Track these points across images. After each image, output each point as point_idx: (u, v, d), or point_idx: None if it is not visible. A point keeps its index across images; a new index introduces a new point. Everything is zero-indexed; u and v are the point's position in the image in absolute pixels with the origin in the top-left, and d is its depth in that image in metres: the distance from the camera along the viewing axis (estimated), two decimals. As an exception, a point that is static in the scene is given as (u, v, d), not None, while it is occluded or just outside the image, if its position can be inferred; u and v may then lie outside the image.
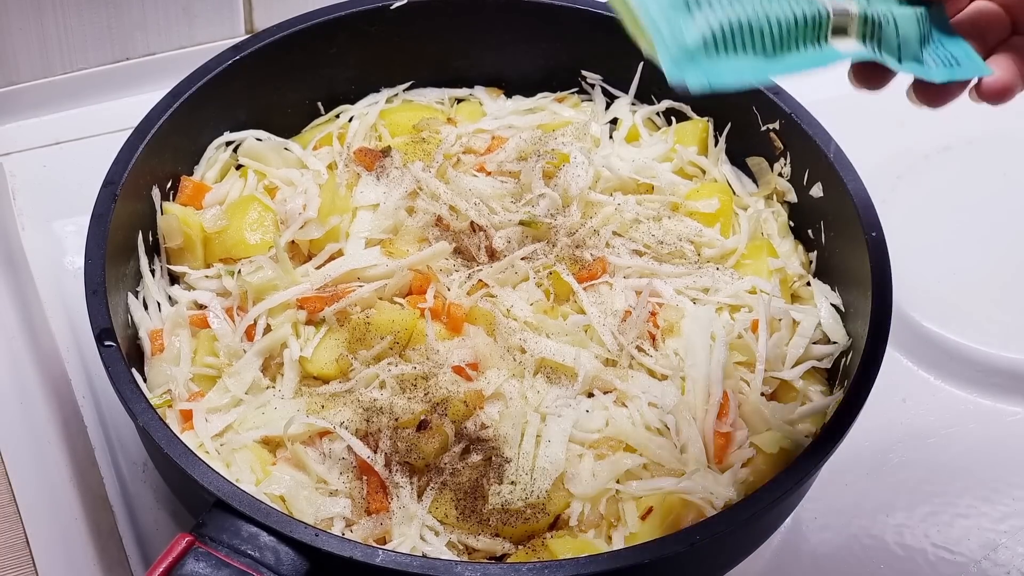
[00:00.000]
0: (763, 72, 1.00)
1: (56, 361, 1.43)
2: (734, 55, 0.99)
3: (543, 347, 1.27)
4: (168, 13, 1.61)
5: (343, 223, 1.36)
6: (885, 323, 1.23)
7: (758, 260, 1.37)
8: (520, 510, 1.19)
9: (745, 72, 0.99)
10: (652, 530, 1.19)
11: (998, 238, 1.58)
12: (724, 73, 0.98)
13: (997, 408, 1.47)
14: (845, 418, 1.17)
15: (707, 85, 0.96)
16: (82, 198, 1.31)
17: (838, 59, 1.03)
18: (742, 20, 0.99)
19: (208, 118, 1.40)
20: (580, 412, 1.24)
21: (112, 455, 1.37)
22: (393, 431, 1.22)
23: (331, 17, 1.42)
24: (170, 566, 1.04)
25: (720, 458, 1.25)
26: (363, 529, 1.19)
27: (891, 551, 1.36)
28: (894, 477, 1.41)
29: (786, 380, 1.30)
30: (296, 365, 1.27)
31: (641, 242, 1.36)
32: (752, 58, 1.00)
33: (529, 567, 1.07)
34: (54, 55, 1.59)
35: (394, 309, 1.29)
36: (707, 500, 1.20)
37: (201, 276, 1.35)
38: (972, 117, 1.70)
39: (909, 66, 1.07)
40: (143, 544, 1.31)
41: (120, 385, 1.16)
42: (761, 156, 1.44)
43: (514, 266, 1.32)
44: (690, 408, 1.25)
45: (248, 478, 1.20)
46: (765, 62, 1.00)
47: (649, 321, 1.30)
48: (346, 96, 1.49)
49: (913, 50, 1.07)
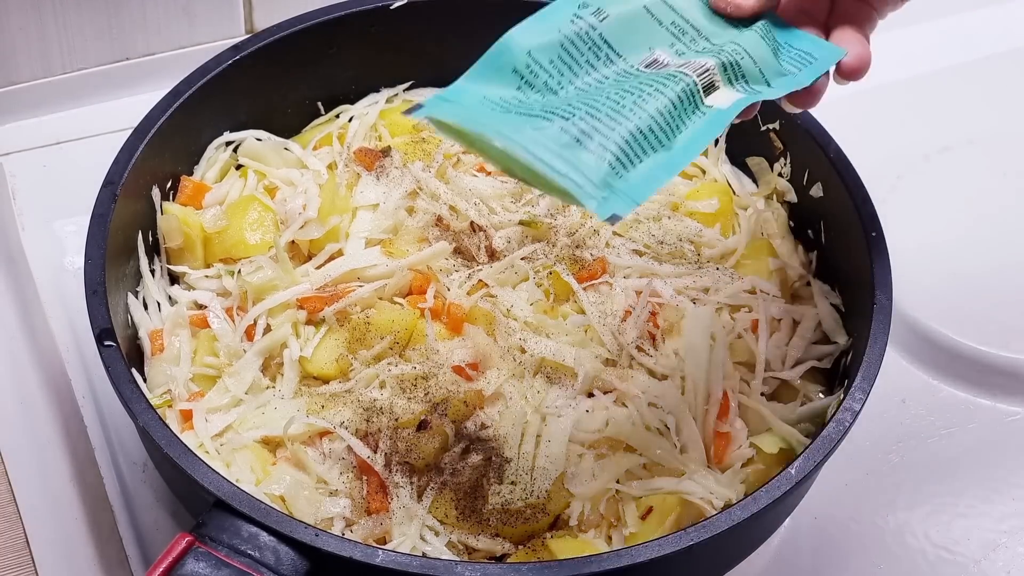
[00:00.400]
0: (672, 166, 1.02)
1: (56, 361, 1.43)
2: (638, 163, 1.00)
3: (543, 347, 1.27)
4: (168, 13, 1.61)
5: (343, 223, 1.36)
6: (885, 323, 1.23)
7: (758, 260, 1.37)
8: (520, 510, 1.19)
9: (657, 175, 1.01)
10: (652, 530, 1.19)
11: (998, 238, 1.58)
12: (641, 186, 0.99)
13: (997, 408, 1.47)
14: (845, 418, 1.17)
15: (634, 206, 0.98)
16: (82, 198, 1.31)
17: (727, 119, 1.05)
18: (631, 130, 1.00)
19: (208, 118, 1.40)
20: (580, 412, 1.24)
21: (112, 455, 1.37)
22: (393, 431, 1.22)
23: (331, 17, 1.42)
24: (170, 566, 1.04)
25: (720, 458, 1.25)
26: (363, 529, 1.19)
27: (891, 551, 1.36)
28: (894, 477, 1.41)
29: (786, 380, 1.31)
30: (296, 365, 1.27)
31: (641, 242, 1.36)
32: (654, 157, 1.01)
33: (529, 567, 1.07)
34: (54, 55, 1.59)
35: (394, 309, 1.29)
36: (707, 500, 1.20)
37: (201, 276, 1.35)
38: (972, 117, 1.71)
39: (779, 85, 1.09)
40: (143, 544, 1.31)
41: (120, 385, 1.16)
42: (761, 156, 1.44)
43: (514, 266, 1.32)
44: (690, 408, 1.25)
45: (248, 478, 1.20)
46: (667, 155, 1.02)
47: (649, 321, 1.30)
48: (346, 96, 1.49)
49: (773, 67, 1.09)
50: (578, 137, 0.99)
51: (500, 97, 1.02)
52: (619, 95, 1.02)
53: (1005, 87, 1.76)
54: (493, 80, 1.03)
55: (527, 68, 1.03)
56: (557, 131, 0.98)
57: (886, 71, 1.76)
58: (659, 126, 1.02)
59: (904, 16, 1.82)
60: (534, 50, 1.04)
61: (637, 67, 1.06)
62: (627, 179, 0.99)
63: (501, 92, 1.02)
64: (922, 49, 1.78)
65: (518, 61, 1.03)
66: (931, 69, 1.76)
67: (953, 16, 1.83)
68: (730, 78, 1.07)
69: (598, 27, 1.06)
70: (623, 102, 1.01)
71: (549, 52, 1.04)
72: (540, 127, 0.99)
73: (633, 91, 1.03)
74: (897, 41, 1.80)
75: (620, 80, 1.05)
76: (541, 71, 1.04)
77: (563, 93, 1.04)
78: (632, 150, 1.00)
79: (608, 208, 0.97)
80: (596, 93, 1.03)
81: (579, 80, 1.05)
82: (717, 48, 1.08)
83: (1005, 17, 1.83)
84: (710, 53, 1.07)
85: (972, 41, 1.80)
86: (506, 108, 1.01)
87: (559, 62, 1.05)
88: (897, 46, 1.79)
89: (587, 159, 0.98)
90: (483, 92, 1.02)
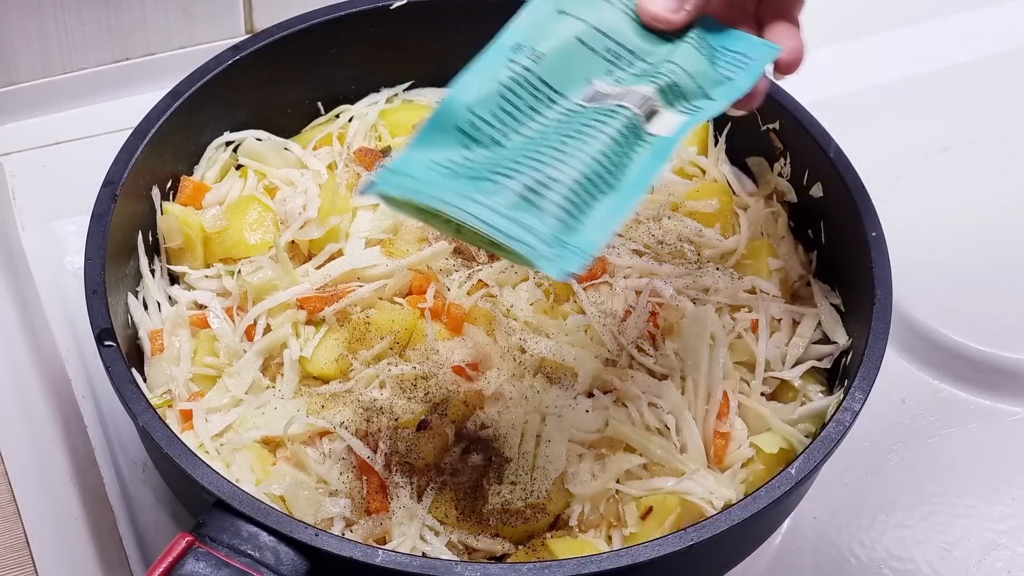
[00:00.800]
0: (622, 207, 1.00)
1: (56, 361, 1.43)
2: (588, 211, 0.99)
3: (543, 347, 1.27)
4: (168, 13, 1.61)
5: (343, 223, 1.36)
6: (885, 323, 1.23)
7: (758, 260, 1.37)
8: (520, 510, 1.19)
9: (609, 220, 0.99)
10: (652, 530, 1.19)
11: (998, 238, 1.58)
12: (593, 237, 0.98)
13: (997, 408, 1.47)
14: (845, 418, 1.17)
15: (589, 259, 0.97)
16: (82, 198, 1.31)
17: (672, 146, 1.03)
18: (576, 178, 0.99)
19: (208, 118, 1.40)
20: (580, 412, 1.24)
21: (112, 455, 1.37)
22: (393, 431, 1.22)
23: (331, 17, 1.42)
24: (170, 566, 1.04)
25: (720, 458, 1.25)
26: (363, 529, 1.19)
27: (891, 551, 1.36)
28: (894, 477, 1.41)
29: (786, 380, 1.31)
30: (296, 365, 1.27)
31: (641, 242, 1.36)
32: (604, 201, 1.00)
33: (529, 567, 1.07)
34: (54, 55, 1.59)
35: (394, 309, 1.29)
36: (707, 500, 1.20)
37: (201, 276, 1.35)
38: (972, 117, 1.71)
39: (721, 95, 1.08)
40: (143, 544, 1.31)
41: (120, 385, 1.16)
42: (761, 156, 1.44)
43: (514, 266, 1.32)
44: (690, 408, 1.25)
45: (248, 478, 1.20)
46: (617, 197, 1.00)
47: (649, 321, 1.30)
48: (346, 96, 1.49)
49: (712, 77, 1.08)
50: (525, 195, 0.97)
51: (448, 159, 1.01)
52: (561, 142, 1.00)
53: (1005, 87, 1.76)
54: (439, 143, 1.01)
55: (470, 124, 1.02)
56: (504, 192, 0.97)
57: (886, 71, 1.77)
58: (604, 167, 1.00)
59: (904, 16, 1.83)
60: (474, 105, 1.02)
61: (579, 103, 1.04)
62: (579, 231, 0.98)
63: (448, 154, 1.01)
64: (922, 49, 1.78)
65: (460, 119, 1.02)
66: (931, 69, 1.76)
67: (953, 16, 1.83)
68: (670, 100, 1.05)
69: (534, 69, 1.05)
70: (565, 149, 1.00)
71: (489, 104, 1.03)
72: (487, 190, 0.97)
73: (574, 135, 1.01)
74: (897, 41, 1.81)
75: (562, 123, 1.03)
76: (484, 125, 1.02)
77: (509, 144, 1.02)
78: (580, 199, 0.98)
79: (561, 267, 0.95)
80: (540, 142, 1.01)
81: (524, 127, 1.03)
82: (653, 70, 1.06)
83: (1005, 17, 1.83)
84: (648, 78, 1.05)
85: (972, 41, 1.80)
86: (454, 172, 1.00)
87: (501, 112, 1.03)
88: (897, 46, 1.80)
89: (536, 218, 0.97)
90: (430, 157, 1.00)
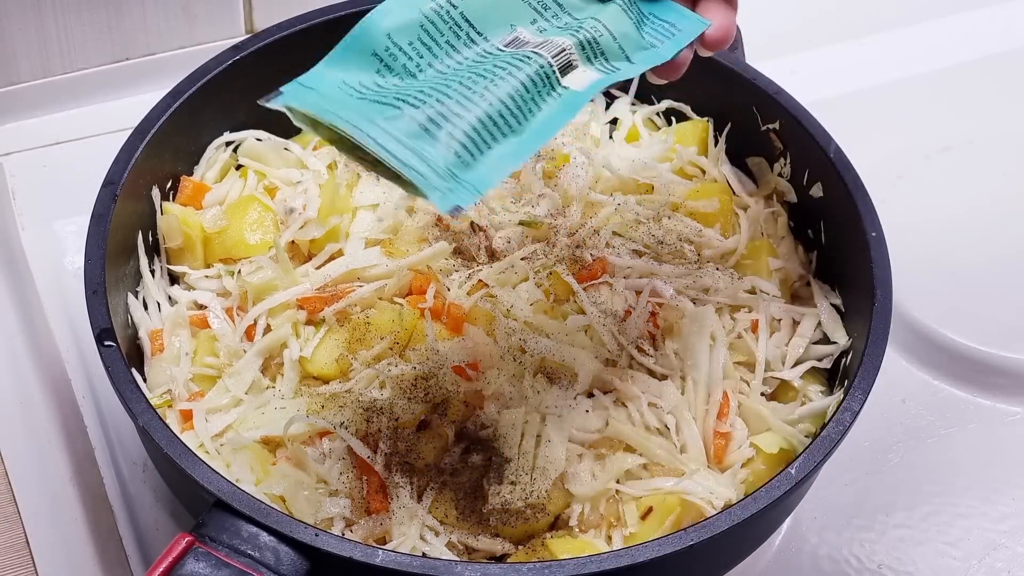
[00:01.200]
0: (522, 152, 1.00)
1: (56, 361, 1.43)
2: (487, 150, 0.99)
3: (543, 347, 1.27)
4: (168, 13, 1.61)
5: (343, 223, 1.36)
6: (885, 323, 1.23)
7: (758, 260, 1.37)
8: (520, 510, 1.19)
9: (506, 162, 0.99)
10: (652, 530, 1.19)
11: (998, 238, 1.58)
12: (487, 175, 0.98)
13: (997, 408, 1.47)
14: (845, 418, 1.17)
15: (479, 196, 0.97)
16: (82, 198, 1.31)
17: (582, 101, 1.03)
18: (480, 117, 0.99)
19: (208, 118, 1.40)
20: (580, 412, 1.24)
21: (112, 455, 1.37)
22: (393, 431, 1.22)
23: (331, 17, 1.42)
24: (170, 566, 1.04)
25: (720, 458, 1.25)
26: (363, 529, 1.19)
27: (891, 551, 1.36)
28: (894, 477, 1.41)
29: (786, 380, 1.31)
30: (296, 365, 1.27)
31: (641, 242, 1.36)
32: (504, 143, 1.00)
33: (529, 567, 1.07)
34: (54, 55, 1.59)
35: (394, 309, 1.29)
36: (707, 500, 1.20)
37: (201, 276, 1.35)
38: (972, 117, 1.71)
39: (641, 60, 1.07)
40: (143, 544, 1.31)
41: (120, 385, 1.16)
42: (761, 156, 1.44)
43: (514, 266, 1.32)
44: (690, 408, 1.25)
45: (248, 478, 1.20)
46: (518, 141, 1.00)
47: (649, 321, 1.30)
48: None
49: (635, 41, 1.07)
50: (426, 126, 0.97)
51: (359, 82, 1.01)
52: (471, 79, 1.00)
53: (1005, 87, 1.76)
54: (352, 64, 1.01)
55: (386, 51, 1.02)
56: (406, 120, 0.97)
57: (886, 71, 1.77)
58: (509, 111, 1.00)
59: (904, 16, 1.84)
60: (393, 32, 1.02)
61: (497, 47, 1.04)
62: (474, 168, 0.98)
63: (360, 77, 1.01)
64: (922, 49, 1.78)
65: (377, 44, 1.02)
66: (931, 69, 1.77)
67: (953, 16, 1.83)
68: (588, 56, 1.05)
69: (459, 5, 1.04)
70: (474, 87, 0.99)
71: (408, 33, 1.02)
72: (390, 116, 0.97)
73: (486, 75, 1.01)
74: (897, 41, 1.81)
75: (477, 63, 1.03)
76: (400, 54, 1.02)
77: (422, 76, 1.02)
78: (480, 137, 0.98)
79: (450, 200, 0.95)
80: (451, 77, 1.01)
81: (439, 63, 1.03)
82: (577, 24, 1.06)
83: (1005, 17, 1.83)
84: (569, 31, 1.05)
85: (972, 41, 1.80)
86: (362, 95, 1.00)
87: (419, 43, 1.03)
88: (897, 46, 1.80)
89: (433, 149, 0.97)
90: (342, 77, 1.00)
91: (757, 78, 1.41)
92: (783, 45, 1.74)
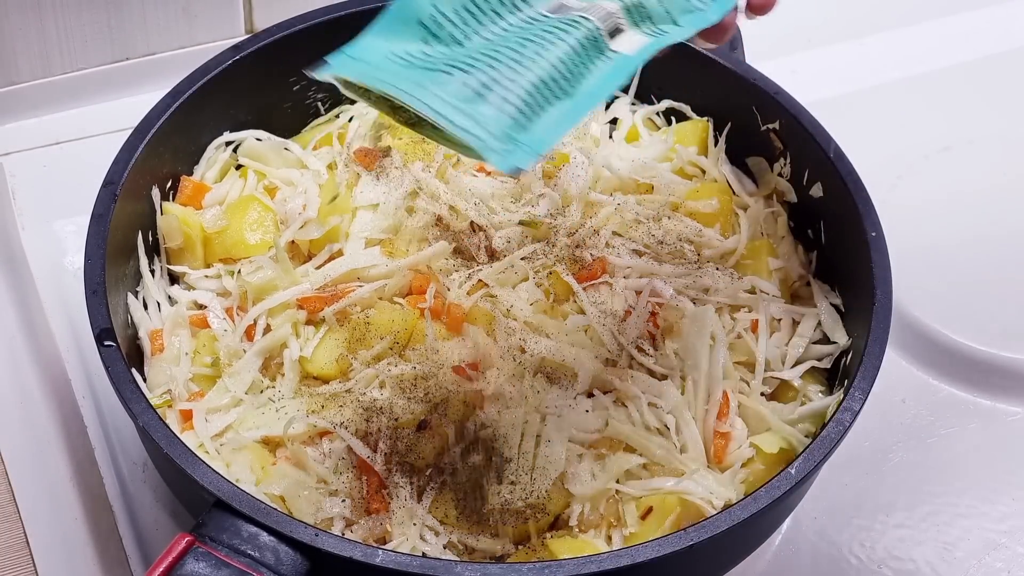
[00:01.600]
0: (575, 114, 1.01)
1: (56, 361, 1.43)
2: (541, 113, 1.00)
3: (543, 347, 1.27)
4: (168, 13, 1.61)
5: (343, 223, 1.36)
6: (885, 323, 1.23)
7: (758, 260, 1.37)
8: (520, 510, 1.19)
9: (560, 124, 1.00)
10: (652, 530, 1.19)
11: (998, 238, 1.58)
12: (544, 137, 0.99)
13: (997, 408, 1.47)
14: (845, 418, 1.17)
15: (537, 157, 0.98)
16: (82, 198, 1.31)
17: (633, 65, 1.04)
18: (532, 81, 1.00)
19: (208, 118, 1.40)
20: (580, 412, 1.24)
21: (112, 455, 1.37)
22: (393, 431, 1.22)
23: (331, 17, 1.42)
24: (170, 566, 1.04)
25: (720, 458, 1.25)
26: (363, 529, 1.19)
27: (891, 551, 1.36)
28: (894, 477, 1.41)
29: (786, 380, 1.31)
30: (296, 365, 1.27)
31: (641, 242, 1.36)
32: (557, 106, 1.01)
33: (529, 567, 1.07)
34: (54, 55, 1.59)
35: (394, 309, 1.29)
36: (707, 500, 1.20)
37: (201, 276, 1.35)
38: (972, 117, 1.71)
39: (688, 23, 1.08)
40: (143, 544, 1.31)
41: (120, 385, 1.16)
42: (761, 156, 1.44)
43: (514, 266, 1.32)
44: (690, 408, 1.25)
45: (248, 478, 1.20)
46: (571, 103, 1.01)
47: (649, 321, 1.30)
48: (346, 96, 1.48)
49: (681, 4, 1.08)
50: (479, 91, 0.98)
51: (405, 51, 1.02)
52: (521, 44, 1.01)
53: (1005, 87, 1.76)
54: (398, 34, 1.02)
55: (432, 19, 1.03)
56: (459, 85, 0.98)
57: (886, 71, 1.77)
58: (560, 74, 1.01)
59: (904, 16, 1.84)
60: (438, 0, 1.03)
61: (542, 13, 1.05)
62: (529, 130, 0.99)
63: (406, 46, 1.02)
64: (922, 49, 1.78)
65: (423, 12, 1.03)
66: (931, 69, 1.77)
67: (953, 16, 1.83)
68: (635, 20, 1.06)
69: None
70: (524, 52, 1.01)
71: (453, 1, 1.04)
72: (442, 82, 0.99)
73: (535, 39, 1.02)
74: (897, 41, 1.81)
75: (524, 28, 1.04)
76: (446, 22, 1.03)
77: (468, 44, 1.03)
78: (534, 100, 1.00)
79: (510, 161, 0.97)
80: (499, 43, 1.02)
81: (485, 30, 1.04)
82: None
83: (1005, 17, 1.83)
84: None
85: (972, 41, 1.80)
86: (409, 63, 1.01)
87: (464, 12, 1.04)
88: (897, 46, 1.80)
89: (488, 113, 0.98)
90: (388, 47, 1.01)
91: (757, 78, 1.41)
92: (783, 45, 1.74)
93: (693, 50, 1.40)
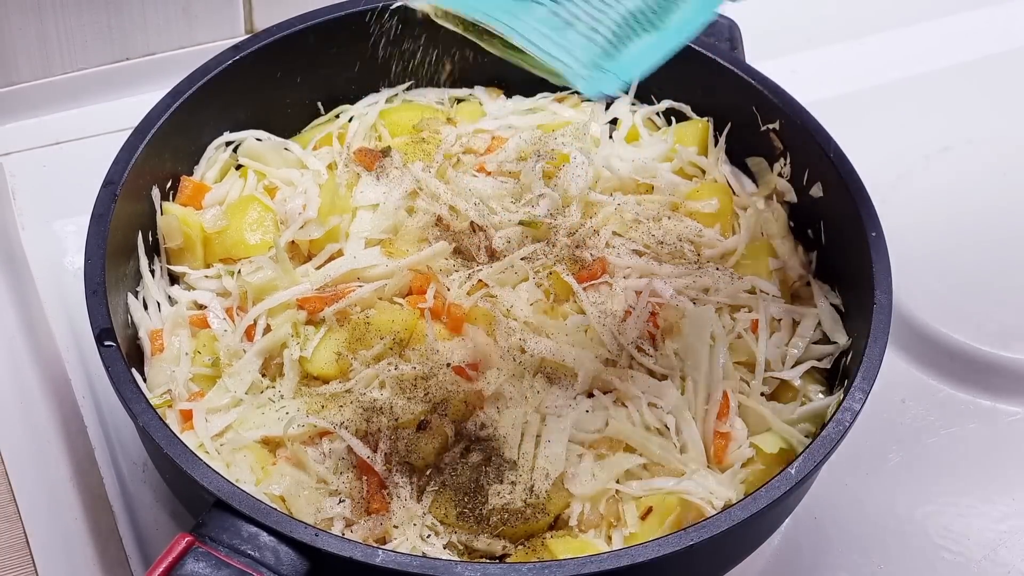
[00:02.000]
0: (663, 46, 1.04)
1: (56, 361, 1.43)
2: (629, 44, 1.02)
3: (543, 347, 1.27)
4: (168, 13, 1.61)
5: (343, 223, 1.36)
6: (885, 323, 1.23)
7: (758, 260, 1.37)
8: (520, 510, 1.19)
9: (647, 54, 1.03)
10: (652, 530, 1.19)
11: (998, 238, 1.58)
12: (630, 65, 1.02)
13: (997, 408, 1.47)
14: (845, 418, 1.17)
15: (623, 84, 1.01)
16: (82, 198, 1.31)
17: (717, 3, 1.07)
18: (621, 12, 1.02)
19: (208, 118, 1.40)
20: (580, 412, 1.24)
21: (112, 455, 1.37)
22: (393, 431, 1.22)
23: (331, 17, 1.42)
24: (170, 566, 1.04)
25: (720, 458, 1.25)
26: (363, 529, 1.19)
27: (891, 551, 1.35)
28: (894, 477, 1.41)
29: (786, 380, 1.31)
30: (296, 365, 1.27)
31: (641, 242, 1.36)
32: (645, 38, 1.03)
33: (529, 567, 1.07)
34: (54, 55, 1.59)
35: (394, 309, 1.29)
36: (707, 500, 1.20)
37: (201, 276, 1.35)
38: (972, 117, 1.71)
39: None
40: (143, 544, 1.31)
41: (120, 385, 1.16)
42: (761, 156, 1.44)
43: (514, 266, 1.32)
44: (690, 408, 1.25)
45: (248, 478, 1.20)
46: (659, 36, 1.04)
47: (649, 321, 1.30)
48: (346, 96, 1.49)
49: None
50: (569, 20, 1.01)
51: None
52: None
53: (1005, 87, 1.76)
54: None
55: None
56: (548, 14, 1.01)
57: (886, 71, 1.77)
58: (650, 7, 1.03)
59: (904, 16, 1.84)
60: None
61: None
62: (617, 59, 1.02)
63: None
64: (922, 49, 1.78)
65: None
66: (931, 69, 1.77)
67: (953, 16, 1.83)
68: None
69: None
70: None
71: None
72: (532, 10, 1.01)
73: None
74: (897, 41, 1.81)
75: None
76: None
77: None
78: (622, 31, 1.02)
79: (596, 87, 1.00)
80: None
81: None
82: None
83: (1005, 17, 1.83)
84: None
85: (972, 41, 1.80)
86: None
87: None
88: (897, 46, 1.80)
89: (577, 41, 1.01)
90: None
91: (757, 78, 1.41)
92: (783, 45, 1.74)
93: (693, 50, 1.40)
